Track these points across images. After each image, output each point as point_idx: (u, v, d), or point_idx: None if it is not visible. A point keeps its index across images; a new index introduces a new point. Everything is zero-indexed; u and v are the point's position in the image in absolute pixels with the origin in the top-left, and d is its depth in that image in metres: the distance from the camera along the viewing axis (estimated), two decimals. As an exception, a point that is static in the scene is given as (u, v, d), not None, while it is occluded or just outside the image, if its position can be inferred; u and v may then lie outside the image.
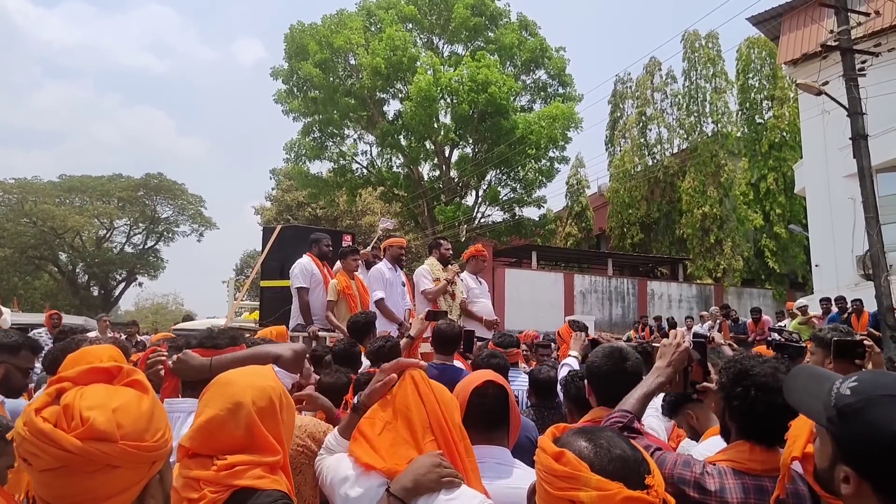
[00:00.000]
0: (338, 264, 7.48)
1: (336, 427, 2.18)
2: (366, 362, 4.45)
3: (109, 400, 1.24)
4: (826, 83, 13.06)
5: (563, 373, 4.06)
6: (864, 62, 12.73)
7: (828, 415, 1.35)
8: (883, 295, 11.75)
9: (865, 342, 3.30)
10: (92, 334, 11.13)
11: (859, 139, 12.37)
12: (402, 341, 4.88)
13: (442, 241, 7.56)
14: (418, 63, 27.33)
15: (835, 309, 12.55)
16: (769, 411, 1.90)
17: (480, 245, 8.19)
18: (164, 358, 2.60)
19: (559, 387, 3.86)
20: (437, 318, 5.72)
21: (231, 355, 2.49)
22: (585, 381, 2.78)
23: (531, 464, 1.51)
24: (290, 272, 7.09)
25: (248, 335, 6.96)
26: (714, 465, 1.94)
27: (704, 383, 2.31)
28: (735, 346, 9.00)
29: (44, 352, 3.97)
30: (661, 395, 2.73)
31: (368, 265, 7.69)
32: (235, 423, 1.76)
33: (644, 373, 4.10)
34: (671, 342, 2.34)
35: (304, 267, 6.99)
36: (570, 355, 4.48)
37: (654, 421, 3.21)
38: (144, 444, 1.23)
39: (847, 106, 12.52)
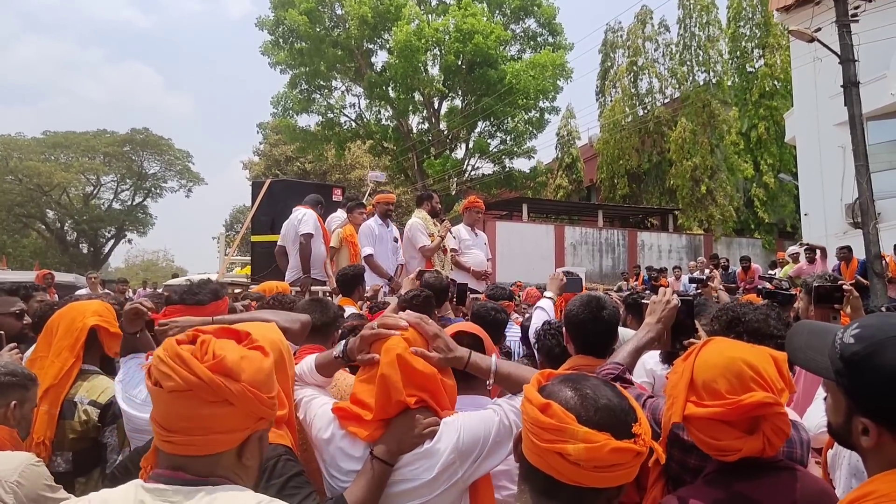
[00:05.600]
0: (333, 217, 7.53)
1: (315, 357, 2.15)
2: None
3: (238, 350, 1.38)
4: (818, 30, 12.89)
5: (536, 316, 4.00)
6: (856, 8, 12.56)
7: (835, 367, 1.32)
8: (871, 243, 11.82)
9: (844, 287, 3.33)
10: (82, 291, 11.13)
11: (850, 86, 12.28)
12: (393, 301, 4.87)
13: (433, 194, 7.51)
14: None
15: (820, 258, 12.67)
16: None
17: (475, 196, 8.17)
18: (146, 308, 2.57)
19: (533, 337, 3.85)
20: None
21: (235, 317, 2.45)
22: (563, 329, 2.82)
23: None
24: (295, 218, 7.09)
25: (239, 290, 6.99)
26: None
27: (692, 339, 2.34)
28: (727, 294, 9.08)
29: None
30: None
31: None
32: None
33: (632, 324, 4.15)
34: (661, 299, 2.38)
35: (314, 216, 7.09)
36: (544, 296, 4.39)
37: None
38: (260, 395, 1.34)
39: (839, 53, 12.40)
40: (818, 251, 12.71)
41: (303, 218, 7.01)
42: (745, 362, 1.56)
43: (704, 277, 8.99)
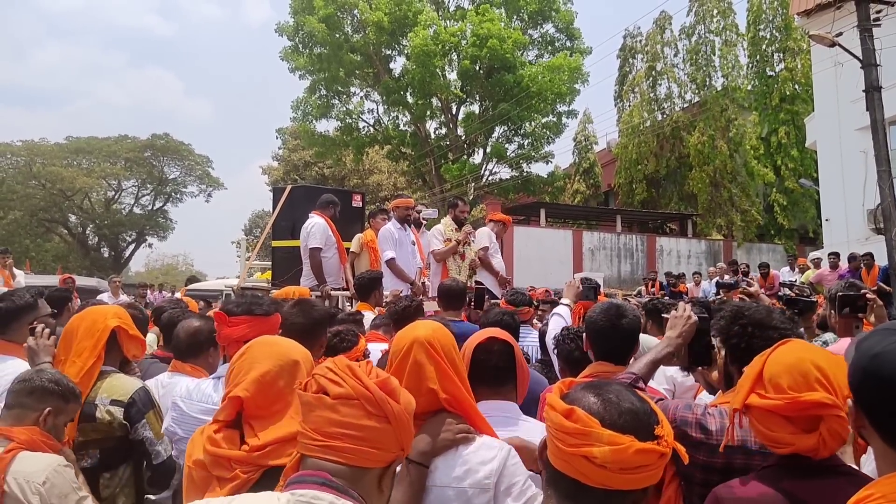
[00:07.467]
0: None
1: None
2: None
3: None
4: (839, 34, 12.80)
5: (553, 322, 4.02)
6: (878, 12, 12.44)
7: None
8: (893, 249, 11.69)
9: (868, 295, 3.31)
10: (104, 296, 11.26)
11: (873, 91, 12.17)
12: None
13: (459, 202, 7.49)
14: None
15: (844, 266, 12.55)
16: (766, 347, 1.89)
17: (509, 217, 8.28)
18: None
19: (551, 343, 3.86)
20: None
21: None
22: (584, 335, 2.85)
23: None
24: (305, 230, 6.99)
25: (260, 294, 7.06)
26: (716, 407, 2.00)
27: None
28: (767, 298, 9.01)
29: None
30: None
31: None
32: (287, 379, 1.82)
33: (652, 330, 4.14)
34: (681, 314, 2.42)
35: (323, 227, 6.94)
36: (561, 303, 4.41)
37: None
38: (410, 422, 1.42)
39: (861, 57, 12.29)
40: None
41: (311, 229, 6.89)
42: (814, 363, 1.60)
43: (733, 282, 8.91)
